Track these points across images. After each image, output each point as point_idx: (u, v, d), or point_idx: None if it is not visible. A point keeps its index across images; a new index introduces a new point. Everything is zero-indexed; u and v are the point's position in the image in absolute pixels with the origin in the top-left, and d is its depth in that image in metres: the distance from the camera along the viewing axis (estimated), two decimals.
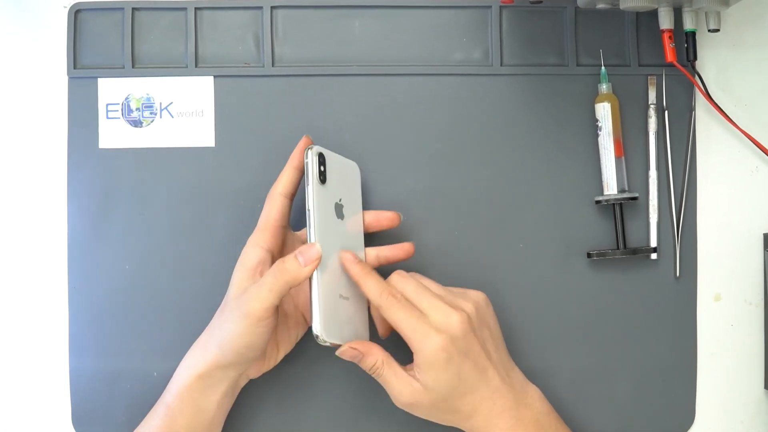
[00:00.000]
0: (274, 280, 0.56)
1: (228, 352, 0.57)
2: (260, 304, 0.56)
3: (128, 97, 0.66)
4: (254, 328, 0.56)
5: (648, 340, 0.67)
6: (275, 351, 0.62)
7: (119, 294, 0.65)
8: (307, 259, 0.56)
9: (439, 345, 0.55)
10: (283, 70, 0.66)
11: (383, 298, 0.56)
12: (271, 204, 0.60)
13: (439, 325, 0.55)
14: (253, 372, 0.62)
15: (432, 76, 0.67)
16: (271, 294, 0.56)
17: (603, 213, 0.67)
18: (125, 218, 0.66)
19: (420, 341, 0.55)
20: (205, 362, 0.58)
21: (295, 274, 0.55)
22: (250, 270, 0.58)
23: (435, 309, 0.56)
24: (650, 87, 0.67)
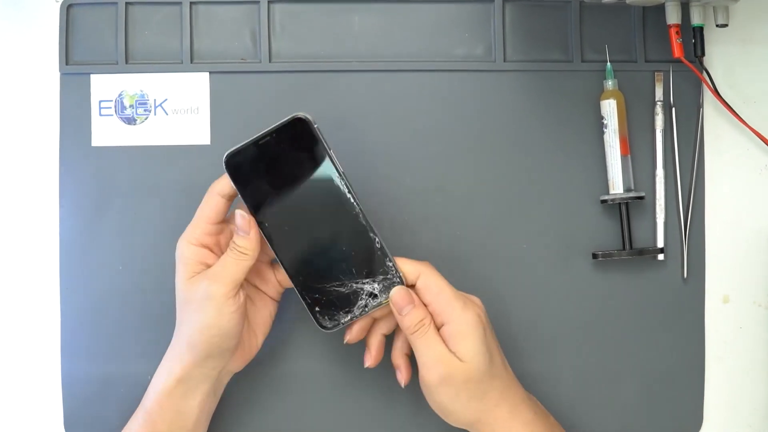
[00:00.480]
0: (234, 254, 0.56)
1: (200, 345, 0.56)
2: (227, 279, 0.55)
3: (122, 94, 0.65)
4: (222, 310, 0.55)
5: (655, 342, 0.66)
6: (253, 337, 0.60)
7: (112, 295, 0.65)
8: (243, 228, 0.56)
9: (476, 315, 0.55)
10: (281, 66, 0.66)
11: (423, 268, 0.57)
12: (207, 203, 0.59)
13: (470, 302, 0.57)
14: (235, 364, 0.60)
15: (433, 72, 0.66)
16: (236, 266, 0.55)
17: (608, 213, 0.66)
18: (119, 218, 0.65)
19: (461, 309, 0.55)
20: (181, 364, 0.57)
21: (245, 244, 0.55)
22: (189, 263, 0.57)
23: (461, 295, 0.57)
24: (657, 83, 0.66)
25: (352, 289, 0.57)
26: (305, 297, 0.58)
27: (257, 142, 0.56)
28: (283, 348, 0.65)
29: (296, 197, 0.57)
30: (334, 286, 0.58)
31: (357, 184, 0.59)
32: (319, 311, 0.58)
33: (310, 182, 0.56)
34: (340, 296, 0.58)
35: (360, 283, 0.57)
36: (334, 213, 0.57)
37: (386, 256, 0.57)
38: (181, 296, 0.57)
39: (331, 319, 0.58)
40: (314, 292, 0.58)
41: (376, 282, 0.57)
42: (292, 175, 0.57)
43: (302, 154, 0.56)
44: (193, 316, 0.56)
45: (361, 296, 0.57)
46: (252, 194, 0.56)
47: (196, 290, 0.56)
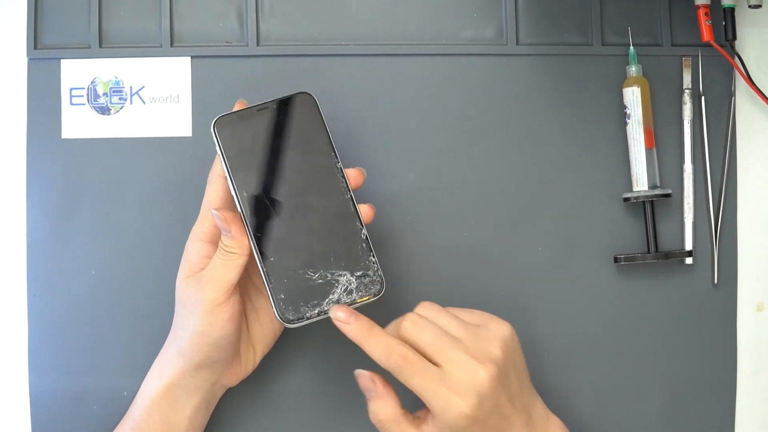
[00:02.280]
0: (222, 255, 0.55)
1: (191, 353, 0.55)
2: (216, 284, 0.54)
3: (95, 81, 0.64)
4: (211, 317, 0.54)
5: (682, 354, 0.65)
6: (251, 352, 0.59)
7: (85, 303, 0.63)
8: (223, 227, 0.54)
9: (462, 411, 0.51)
10: (270, 49, 0.64)
11: (392, 361, 0.52)
12: (211, 188, 0.57)
13: (463, 385, 0.52)
14: (229, 378, 0.59)
15: (438, 56, 0.65)
16: (225, 269, 0.54)
17: (632, 212, 0.65)
18: (92, 217, 0.64)
19: (443, 408, 0.52)
20: (171, 371, 0.57)
21: (231, 244, 0.54)
22: (192, 263, 0.56)
23: (458, 365, 0.52)
24: (685, 69, 0.65)
25: (326, 279, 0.55)
26: (270, 280, 0.55)
27: (255, 109, 0.56)
28: (278, 363, 0.63)
29: (285, 172, 0.56)
30: (308, 272, 0.55)
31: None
32: (284, 299, 0.55)
33: (303, 159, 0.56)
34: (311, 285, 0.55)
35: (336, 275, 0.55)
36: (323, 194, 0.56)
37: (370, 251, 0.55)
38: (177, 296, 0.57)
39: (296, 311, 0.55)
40: (282, 275, 0.55)
41: (354, 276, 0.55)
42: (285, 148, 0.56)
43: (300, 129, 0.56)
44: (186, 320, 0.55)
45: (335, 289, 0.55)
46: (237, 163, 0.55)
47: (188, 294, 0.56)
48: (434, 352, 0.53)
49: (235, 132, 0.56)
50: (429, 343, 0.53)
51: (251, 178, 0.56)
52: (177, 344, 0.57)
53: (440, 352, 0.52)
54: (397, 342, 0.53)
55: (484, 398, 0.52)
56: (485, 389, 0.52)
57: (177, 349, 0.57)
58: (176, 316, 0.58)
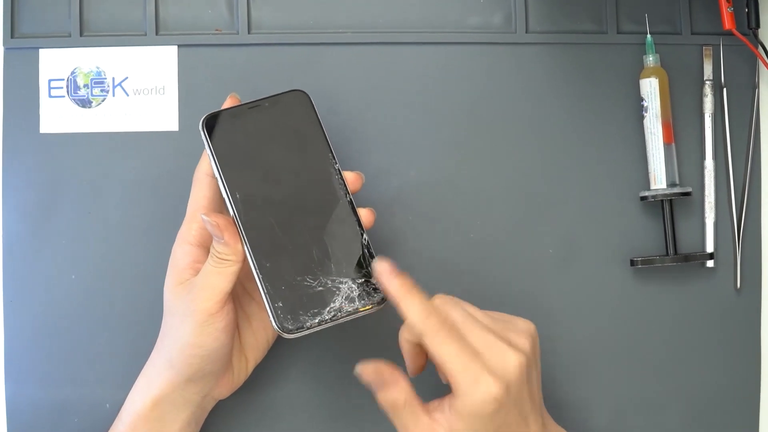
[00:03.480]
0: (215, 262, 0.54)
1: (182, 365, 0.55)
2: (209, 293, 0.54)
3: (75, 72, 0.64)
4: (205, 327, 0.54)
5: (703, 363, 0.65)
6: (243, 362, 0.59)
7: (65, 309, 0.63)
8: (215, 233, 0.54)
9: (492, 393, 0.50)
10: (262, 37, 0.64)
11: (429, 323, 0.51)
12: (197, 187, 0.57)
13: (495, 367, 0.51)
14: (220, 391, 0.58)
15: (442, 45, 0.65)
16: (219, 277, 0.54)
17: (649, 211, 0.65)
18: (71, 218, 0.63)
19: (470, 385, 0.50)
20: (159, 384, 0.56)
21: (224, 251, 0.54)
22: (180, 269, 0.56)
23: (490, 346, 0.51)
24: (705, 60, 0.65)
25: (327, 286, 0.54)
26: (267, 288, 0.54)
27: (246, 107, 0.56)
28: (272, 372, 0.63)
29: (279, 174, 0.56)
30: (307, 279, 0.54)
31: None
32: (282, 308, 0.54)
33: (299, 160, 0.56)
34: (310, 293, 0.54)
35: (337, 282, 0.54)
36: (320, 197, 0.56)
37: (372, 257, 0.55)
38: (166, 304, 0.57)
39: (295, 321, 0.53)
40: (280, 283, 0.54)
41: (355, 284, 0.54)
42: (280, 149, 0.56)
43: (295, 129, 0.56)
44: (175, 331, 0.55)
45: (336, 297, 0.54)
46: (228, 164, 0.55)
47: (179, 302, 0.55)
48: (465, 330, 0.52)
49: (226, 130, 0.55)
50: (461, 321, 0.52)
51: (244, 179, 0.55)
52: (166, 355, 0.56)
53: (472, 332, 0.52)
54: (436, 308, 0.52)
55: (512, 385, 0.51)
56: (514, 376, 0.51)
57: (166, 360, 0.56)
58: (164, 326, 0.57)
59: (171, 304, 0.56)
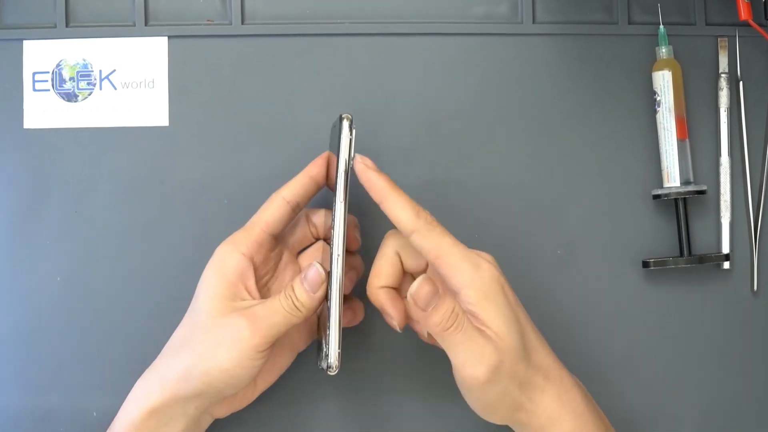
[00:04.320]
0: (288, 306, 0.54)
1: (196, 382, 0.54)
2: (267, 331, 0.54)
3: (60, 64, 0.64)
4: (245, 361, 0.53)
5: (719, 370, 0.64)
6: (251, 386, 0.59)
7: (51, 313, 0.63)
8: (313, 285, 0.54)
9: (494, 274, 0.54)
10: (256, 28, 0.64)
11: (421, 220, 0.53)
12: (269, 205, 0.57)
13: (483, 257, 0.55)
14: (221, 410, 0.58)
15: (445, 36, 0.64)
16: (283, 321, 0.54)
17: (662, 211, 0.65)
18: (57, 217, 0.63)
19: (473, 270, 0.53)
20: (162, 393, 0.55)
21: (306, 303, 0.54)
22: (230, 282, 0.56)
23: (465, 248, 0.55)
24: (720, 51, 0.65)
25: (321, 338, 0.56)
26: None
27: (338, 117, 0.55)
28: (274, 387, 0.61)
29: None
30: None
31: (352, 177, 0.57)
32: (317, 341, 0.58)
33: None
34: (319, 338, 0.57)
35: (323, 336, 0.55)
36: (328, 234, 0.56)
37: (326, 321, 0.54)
38: (202, 314, 0.56)
39: (318, 357, 0.57)
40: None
41: (323, 338, 0.55)
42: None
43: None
44: (206, 350, 0.54)
45: (322, 353, 0.55)
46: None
47: (227, 322, 0.54)
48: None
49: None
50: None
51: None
52: (182, 366, 0.55)
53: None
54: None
55: (499, 275, 0.54)
56: (496, 268, 0.54)
57: (181, 371, 0.55)
58: (188, 333, 0.56)
59: (211, 318, 0.55)
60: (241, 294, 0.56)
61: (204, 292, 0.56)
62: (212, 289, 0.56)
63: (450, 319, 0.52)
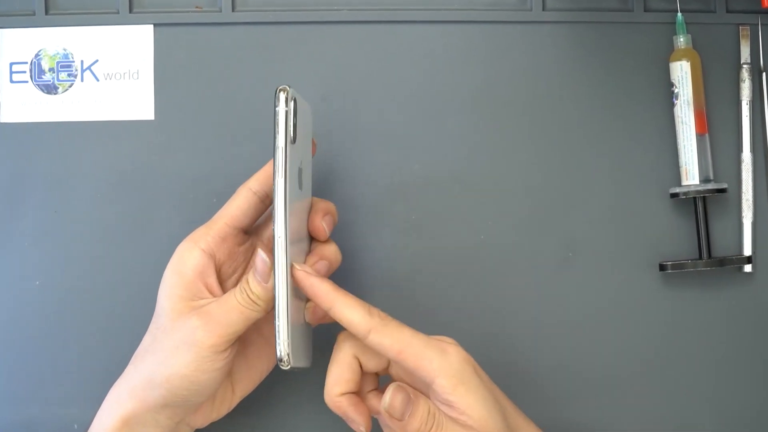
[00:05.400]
0: (244, 300, 0.53)
1: (161, 389, 0.54)
2: (223, 330, 0.53)
3: (39, 54, 0.64)
4: (204, 363, 0.53)
5: (741, 379, 0.63)
6: (229, 392, 0.58)
7: (28, 319, 0.62)
8: (262, 274, 0.53)
9: (464, 356, 0.53)
10: (248, 16, 0.64)
11: (375, 320, 0.53)
12: (234, 198, 0.57)
13: (446, 341, 0.54)
14: (198, 419, 0.57)
15: (449, 23, 0.64)
16: (240, 317, 0.53)
17: (680, 210, 0.64)
18: (36, 217, 0.63)
19: (441, 357, 0.52)
20: (132, 402, 0.55)
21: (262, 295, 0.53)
22: (188, 281, 0.55)
23: (431, 337, 0.55)
24: (742, 41, 0.64)
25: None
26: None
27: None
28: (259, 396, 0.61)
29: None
30: None
31: (347, 172, 0.59)
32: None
33: None
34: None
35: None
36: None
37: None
38: (161, 317, 0.55)
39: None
40: None
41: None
42: None
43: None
44: (166, 354, 0.54)
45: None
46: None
47: (182, 324, 0.54)
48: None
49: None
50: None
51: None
52: (146, 374, 0.55)
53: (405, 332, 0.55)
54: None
55: (468, 356, 0.54)
56: (462, 352, 0.54)
57: (145, 379, 0.55)
58: (151, 339, 0.56)
59: (168, 320, 0.55)
60: (200, 293, 0.55)
61: (163, 293, 0.56)
62: (170, 289, 0.55)
63: (428, 422, 0.52)
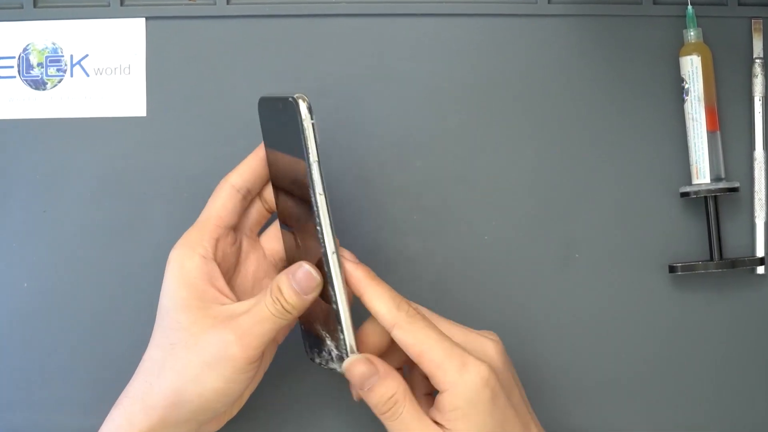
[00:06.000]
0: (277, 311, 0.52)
1: (194, 406, 0.53)
2: (257, 342, 0.52)
3: (27, 49, 0.63)
4: (240, 375, 0.52)
5: (754, 384, 0.63)
6: None
7: (16, 323, 0.61)
8: (305, 288, 0.52)
9: (483, 376, 0.50)
10: (243, 9, 0.63)
11: (402, 313, 0.51)
12: (218, 196, 0.56)
13: (476, 352, 0.52)
14: (212, 426, 0.57)
15: (452, 17, 0.63)
16: (273, 327, 0.52)
17: (691, 210, 0.63)
18: (24, 216, 0.62)
19: (457, 371, 0.50)
20: (149, 420, 0.53)
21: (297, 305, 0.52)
22: (198, 289, 0.54)
23: (465, 335, 0.53)
24: (755, 35, 0.63)
25: (320, 333, 0.54)
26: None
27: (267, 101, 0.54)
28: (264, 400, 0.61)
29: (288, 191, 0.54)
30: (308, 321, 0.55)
31: (346, 171, 0.58)
32: (304, 332, 0.56)
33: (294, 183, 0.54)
34: (312, 335, 0.55)
35: (323, 333, 0.54)
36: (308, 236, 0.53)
37: (339, 324, 0.52)
38: (177, 331, 0.54)
39: (311, 351, 0.56)
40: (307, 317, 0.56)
41: (331, 340, 0.53)
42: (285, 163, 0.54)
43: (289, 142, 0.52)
44: (198, 370, 0.53)
45: (324, 347, 0.54)
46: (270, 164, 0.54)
47: (211, 340, 0.53)
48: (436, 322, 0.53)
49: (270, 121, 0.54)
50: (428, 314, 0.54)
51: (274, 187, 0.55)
52: (169, 392, 0.53)
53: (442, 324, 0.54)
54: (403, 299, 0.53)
55: (499, 370, 0.52)
56: (497, 360, 0.52)
57: (168, 398, 0.53)
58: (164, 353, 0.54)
59: (188, 333, 0.53)
60: (217, 299, 0.54)
61: (172, 306, 0.54)
62: (183, 301, 0.54)
63: (386, 405, 0.51)
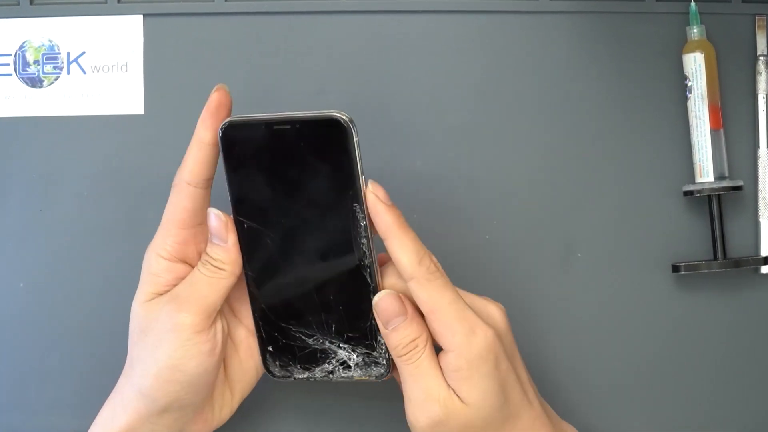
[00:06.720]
0: (208, 270, 0.53)
1: (156, 392, 0.53)
2: (197, 306, 0.52)
3: (24, 46, 0.63)
4: (188, 347, 0.51)
5: (758, 385, 0.62)
6: (227, 395, 0.57)
7: (11, 323, 0.62)
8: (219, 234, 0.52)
9: (490, 342, 0.51)
10: (241, 5, 0.62)
11: (422, 268, 0.51)
12: (177, 197, 0.55)
13: (485, 316, 0.53)
14: (198, 427, 0.56)
15: (453, 14, 0.63)
16: (210, 288, 0.52)
17: (694, 209, 0.63)
18: (20, 216, 0.62)
19: (466, 335, 0.51)
20: (126, 415, 0.53)
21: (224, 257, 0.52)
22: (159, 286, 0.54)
23: (473, 300, 0.54)
24: (758, 32, 0.63)
25: (323, 346, 0.54)
26: (261, 329, 0.54)
27: (272, 125, 0.52)
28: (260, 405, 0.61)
29: (296, 211, 0.53)
30: (303, 333, 0.54)
31: None
32: (272, 353, 0.55)
33: (320, 201, 0.53)
34: (304, 348, 0.54)
35: (335, 345, 0.54)
36: (335, 250, 0.53)
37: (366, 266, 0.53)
38: (135, 324, 0.54)
39: (283, 368, 0.55)
40: (274, 328, 0.54)
41: (355, 353, 0.54)
42: (301, 183, 0.53)
43: (322, 164, 0.52)
44: (150, 353, 0.53)
45: (330, 359, 0.54)
46: (241, 184, 0.53)
47: (156, 317, 0.53)
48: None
49: (244, 145, 0.52)
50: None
51: (254, 206, 0.53)
52: (136, 383, 0.54)
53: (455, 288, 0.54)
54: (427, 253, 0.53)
55: (503, 336, 0.53)
56: (502, 325, 0.53)
57: (136, 389, 0.53)
58: (134, 349, 0.55)
59: (144, 321, 0.54)
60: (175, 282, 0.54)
61: (135, 304, 0.54)
62: (139, 296, 0.54)
63: (407, 347, 0.52)
